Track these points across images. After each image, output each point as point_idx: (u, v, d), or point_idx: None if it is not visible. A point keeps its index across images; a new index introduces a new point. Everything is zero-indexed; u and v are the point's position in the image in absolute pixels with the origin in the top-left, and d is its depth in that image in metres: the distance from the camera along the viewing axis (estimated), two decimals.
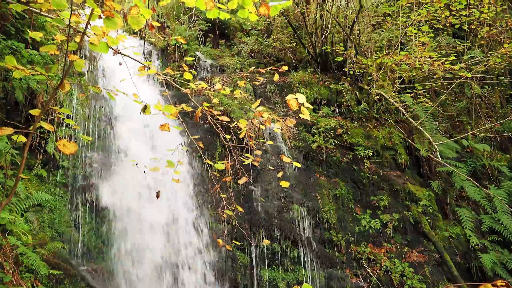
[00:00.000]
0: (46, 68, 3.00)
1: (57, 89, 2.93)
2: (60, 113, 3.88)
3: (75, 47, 2.93)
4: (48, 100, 3.00)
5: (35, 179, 7.25)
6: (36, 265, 5.40)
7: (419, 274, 7.44)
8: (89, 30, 2.80)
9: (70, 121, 3.24)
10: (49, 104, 2.89)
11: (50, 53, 3.94)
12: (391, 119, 9.38)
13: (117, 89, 3.16)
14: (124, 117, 7.90)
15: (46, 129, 7.45)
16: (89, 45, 2.80)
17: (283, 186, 4.11)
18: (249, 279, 7.01)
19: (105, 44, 2.80)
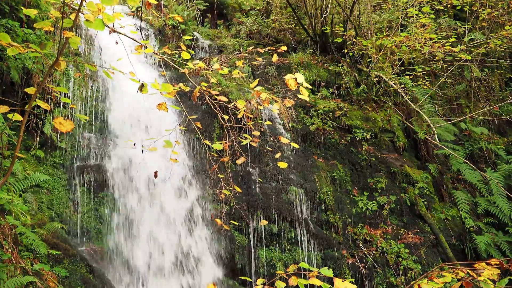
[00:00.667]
0: (40, 45, 2.95)
1: (53, 66, 2.88)
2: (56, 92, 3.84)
3: (70, 23, 2.87)
4: (44, 78, 2.96)
5: (33, 160, 7.23)
6: (35, 244, 5.43)
7: (414, 255, 7.55)
8: (84, 7, 2.73)
9: (67, 99, 3.20)
10: (45, 82, 2.85)
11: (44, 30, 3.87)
12: (389, 102, 9.35)
13: (113, 67, 3.11)
14: (121, 98, 7.83)
15: (43, 108, 7.40)
16: (84, 22, 2.75)
17: (281, 167, 4.10)
18: (246, 259, 7.09)
19: (101, 21, 2.74)
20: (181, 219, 6.91)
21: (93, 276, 6.28)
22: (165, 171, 6.64)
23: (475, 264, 2.76)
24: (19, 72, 7.19)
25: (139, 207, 6.92)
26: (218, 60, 8.93)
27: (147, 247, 6.70)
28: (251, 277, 6.69)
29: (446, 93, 10.15)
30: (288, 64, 9.65)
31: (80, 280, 6.07)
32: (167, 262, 6.64)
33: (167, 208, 6.92)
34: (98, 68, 7.04)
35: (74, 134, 7.50)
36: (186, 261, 6.72)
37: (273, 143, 7.91)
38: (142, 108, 7.43)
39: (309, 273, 3.06)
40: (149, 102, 7.19)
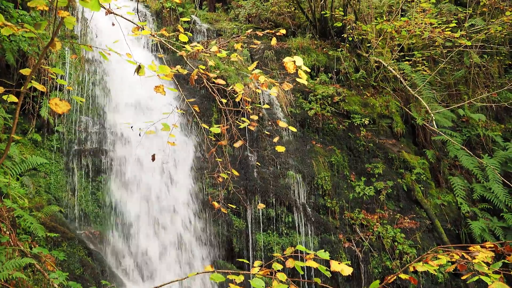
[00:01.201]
0: (35, 25, 2.90)
1: (48, 47, 2.84)
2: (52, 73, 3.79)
3: (65, 3, 2.82)
4: (39, 59, 2.92)
5: (30, 143, 7.21)
6: (33, 227, 5.45)
7: (410, 240, 7.63)
8: None
9: (62, 81, 3.17)
10: (40, 62, 2.81)
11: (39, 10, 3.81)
12: (388, 87, 9.31)
13: (109, 48, 3.07)
14: (118, 82, 7.77)
15: (39, 90, 7.33)
16: (80, 2, 2.69)
17: (279, 151, 4.10)
18: (244, 243, 7.15)
19: (97, 2, 2.69)
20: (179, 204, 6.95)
21: (91, 259, 6.32)
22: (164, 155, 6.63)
23: (469, 247, 2.78)
24: (14, 55, 7.10)
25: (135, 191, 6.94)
26: (216, 43, 8.84)
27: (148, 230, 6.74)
28: (249, 260, 6.76)
29: (445, 79, 10.11)
30: (287, 49, 9.56)
31: (79, 263, 6.11)
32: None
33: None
34: (94, 49, 6.96)
35: (71, 118, 7.47)
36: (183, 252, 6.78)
37: (272, 127, 7.89)
38: (140, 92, 7.38)
39: (306, 255, 3.08)
40: (146, 85, 7.13)
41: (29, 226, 5.53)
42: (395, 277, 2.93)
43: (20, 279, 4.33)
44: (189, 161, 7.25)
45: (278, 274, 2.98)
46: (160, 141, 6.79)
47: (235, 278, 2.91)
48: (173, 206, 6.90)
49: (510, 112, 10.33)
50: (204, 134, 7.16)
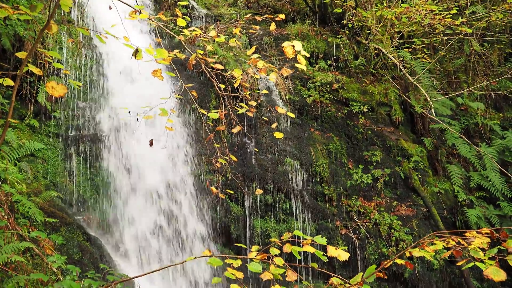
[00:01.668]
0: (31, 7, 2.85)
1: (44, 29, 2.80)
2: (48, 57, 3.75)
3: None
4: (35, 42, 2.88)
5: (27, 129, 7.19)
6: (32, 212, 5.47)
7: (406, 227, 7.69)
8: None
9: (59, 65, 3.13)
10: (36, 45, 2.78)
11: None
12: (387, 75, 9.27)
13: (106, 31, 3.03)
14: (116, 67, 7.71)
15: (36, 74, 7.27)
16: None
17: (277, 137, 4.10)
18: (242, 229, 7.21)
19: None
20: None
21: (90, 244, 6.36)
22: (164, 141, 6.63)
23: (466, 233, 2.80)
24: (11, 39, 7.02)
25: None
26: (215, 28, 8.75)
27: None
28: (247, 246, 6.81)
29: (445, 67, 10.06)
30: (286, 35, 9.48)
31: (77, 248, 6.15)
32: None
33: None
34: (91, 33, 6.88)
35: (69, 103, 7.43)
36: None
37: (270, 114, 7.88)
38: (137, 77, 7.33)
39: (303, 241, 3.10)
40: (144, 70, 7.08)
41: (27, 211, 5.54)
42: (391, 262, 2.95)
43: (19, 263, 4.36)
44: (187, 147, 7.25)
45: (275, 258, 3.00)
46: (158, 127, 6.77)
47: (232, 262, 2.93)
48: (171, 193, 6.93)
49: (509, 101, 10.32)
50: (202, 120, 7.15)
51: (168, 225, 6.75)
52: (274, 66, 3.96)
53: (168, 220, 6.82)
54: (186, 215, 6.87)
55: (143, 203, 6.83)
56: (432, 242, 2.85)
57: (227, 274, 2.79)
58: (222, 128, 3.75)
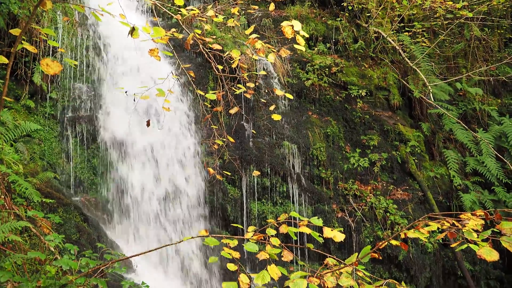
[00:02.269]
0: None
1: (38, 6, 2.74)
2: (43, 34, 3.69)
3: None
4: (29, 18, 2.83)
5: (23, 110, 7.14)
6: (28, 192, 5.46)
7: (402, 211, 7.76)
8: None
9: (54, 43, 3.08)
10: (30, 22, 2.72)
11: None
12: (387, 59, 9.20)
13: (102, 8, 2.97)
14: (112, 47, 7.61)
15: (31, 53, 7.16)
16: None
17: (275, 119, 4.08)
18: (239, 211, 7.25)
19: None
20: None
21: (87, 224, 6.40)
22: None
23: (460, 215, 2.82)
24: (5, 18, 6.90)
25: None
26: (213, 8, 8.61)
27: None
28: (243, 230, 6.87)
29: (444, 51, 9.99)
30: (285, 17, 9.36)
31: (75, 228, 6.18)
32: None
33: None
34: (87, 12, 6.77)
35: (65, 84, 7.37)
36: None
37: (268, 96, 7.84)
38: (134, 58, 7.25)
39: (299, 222, 3.12)
40: (141, 51, 7.00)
41: (24, 192, 5.54)
42: (386, 243, 2.98)
43: (16, 243, 4.38)
44: (184, 130, 7.23)
45: (271, 239, 3.02)
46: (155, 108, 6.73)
47: (229, 242, 2.95)
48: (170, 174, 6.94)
49: (507, 87, 10.29)
50: (199, 102, 7.11)
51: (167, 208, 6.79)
52: (272, 47, 3.92)
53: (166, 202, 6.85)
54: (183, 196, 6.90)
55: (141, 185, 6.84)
56: (426, 223, 2.87)
57: (224, 254, 2.81)
58: (220, 109, 3.73)
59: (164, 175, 6.90)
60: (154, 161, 6.95)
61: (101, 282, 3.11)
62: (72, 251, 3.77)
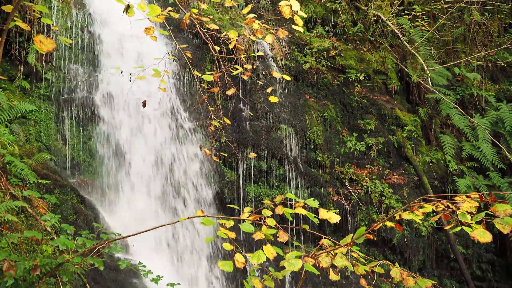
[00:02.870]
0: None
1: None
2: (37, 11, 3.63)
3: None
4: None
5: (18, 91, 7.06)
6: (24, 173, 5.45)
7: (397, 195, 7.82)
8: None
9: (48, 20, 3.02)
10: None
11: None
12: (386, 43, 9.13)
13: None
14: (108, 28, 7.50)
15: (25, 34, 7.05)
16: None
17: (272, 101, 4.06)
18: (235, 194, 7.29)
19: None
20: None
21: (84, 206, 6.41)
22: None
23: (455, 197, 2.84)
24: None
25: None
26: None
27: None
28: (240, 211, 6.91)
29: (444, 35, 9.91)
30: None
31: (72, 210, 6.20)
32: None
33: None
34: None
35: (60, 65, 7.28)
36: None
37: (265, 79, 7.79)
38: (131, 38, 7.16)
39: (295, 203, 3.13)
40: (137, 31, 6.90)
41: (19, 173, 5.53)
42: (381, 224, 3.01)
43: (13, 223, 4.39)
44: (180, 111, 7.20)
45: (267, 219, 3.04)
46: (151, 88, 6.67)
47: (225, 223, 2.97)
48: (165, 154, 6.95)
49: (506, 73, 10.26)
50: (196, 84, 7.06)
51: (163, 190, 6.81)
52: (270, 31, 3.87)
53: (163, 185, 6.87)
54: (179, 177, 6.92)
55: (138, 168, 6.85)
56: (421, 205, 2.89)
57: (219, 234, 2.83)
58: (216, 90, 3.69)
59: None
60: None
61: (98, 261, 3.13)
62: (69, 231, 3.78)
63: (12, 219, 3.79)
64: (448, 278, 8.00)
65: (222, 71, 3.88)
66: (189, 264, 6.54)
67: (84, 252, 3.10)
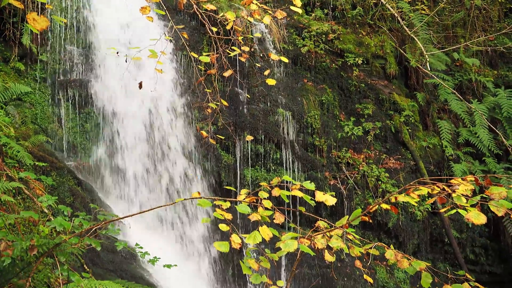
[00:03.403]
0: None
1: None
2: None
3: None
4: None
5: (13, 72, 6.99)
6: (20, 155, 5.43)
7: (393, 179, 7.87)
8: None
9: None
10: None
11: None
12: (385, 27, 9.04)
13: None
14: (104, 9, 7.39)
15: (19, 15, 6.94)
16: None
17: (269, 84, 4.03)
18: (232, 178, 7.32)
19: None
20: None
21: (81, 188, 6.42)
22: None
23: (451, 180, 2.84)
24: None
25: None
26: None
27: None
28: (236, 193, 6.94)
29: (444, 20, 9.81)
30: None
31: (69, 192, 6.21)
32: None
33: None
34: None
35: (55, 47, 7.19)
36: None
37: (263, 63, 7.73)
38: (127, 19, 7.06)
39: (292, 186, 3.14)
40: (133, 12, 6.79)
41: (16, 155, 5.50)
42: (376, 206, 3.02)
43: (10, 204, 4.39)
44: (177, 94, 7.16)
45: (263, 201, 3.05)
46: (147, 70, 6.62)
47: (221, 204, 2.98)
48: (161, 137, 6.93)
49: (505, 58, 10.22)
50: (193, 67, 7.00)
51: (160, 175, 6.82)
52: (269, 8, 3.81)
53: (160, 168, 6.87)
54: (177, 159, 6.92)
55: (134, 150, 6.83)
56: (417, 188, 2.91)
57: (216, 215, 2.84)
58: (214, 71, 3.66)
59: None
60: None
61: (95, 242, 3.14)
62: (66, 212, 3.79)
63: (8, 200, 3.79)
64: (442, 261, 8.12)
65: (219, 53, 3.84)
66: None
67: (81, 232, 3.11)
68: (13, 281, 3.13)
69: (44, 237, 3.10)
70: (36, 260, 3.12)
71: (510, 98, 8.85)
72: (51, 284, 3.78)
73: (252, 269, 2.90)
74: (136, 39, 7.00)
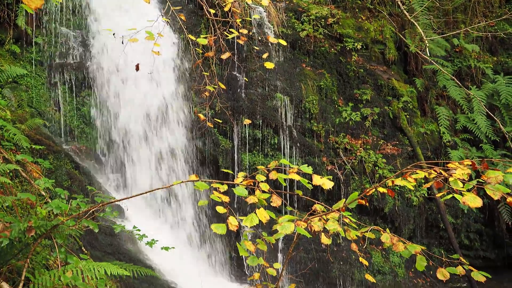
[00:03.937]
0: None
1: None
2: None
3: None
4: None
5: (8, 55, 6.92)
6: (17, 138, 5.40)
7: (390, 165, 7.90)
8: None
9: None
10: None
11: None
12: (385, 11, 8.94)
13: None
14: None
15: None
16: None
17: (267, 67, 3.99)
18: (230, 162, 7.32)
19: None
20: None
21: (79, 172, 6.42)
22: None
23: (448, 164, 2.85)
24: None
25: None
26: None
27: None
28: (234, 176, 6.96)
29: (444, 5, 9.71)
30: None
31: (66, 175, 6.21)
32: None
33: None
34: None
35: (51, 29, 7.10)
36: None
37: (261, 46, 7.65)
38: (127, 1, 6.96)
39: (289, 169, 3.14)
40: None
41: (12, 138, 5.47)
42: (373, 189, 3.03)
43: (7, 186, 4.38)
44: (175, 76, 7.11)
45: (261, 184, 3.06)
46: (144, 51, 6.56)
47: (219, 187, 2.98)
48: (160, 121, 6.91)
49: (504, 45, 10.15)
50: (191, 50, 6.94)
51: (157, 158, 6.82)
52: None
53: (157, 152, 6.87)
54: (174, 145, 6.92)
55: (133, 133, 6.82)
56: (414, 171, 2.91)
57: (213, 197, 2.84)
58: (211, 54, 3.62)
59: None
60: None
61: (92, 224, 3.15)
62: (63, 195, 3.80)
63: (6, 182, 3.79)
64: (436, 246, 8.22)
65: (217, 35, 3.79)
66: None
67: (78, 214, 3.12)
68: (12, 262, 3.15)
69: (42, 219, 3.11)
70: (34, 241, 3.14)
71: (509, 85, 8.82)
72: (50, 266, 3.80)
73: (249, 251, 2.92)
74: (132, 22, 6.91)
